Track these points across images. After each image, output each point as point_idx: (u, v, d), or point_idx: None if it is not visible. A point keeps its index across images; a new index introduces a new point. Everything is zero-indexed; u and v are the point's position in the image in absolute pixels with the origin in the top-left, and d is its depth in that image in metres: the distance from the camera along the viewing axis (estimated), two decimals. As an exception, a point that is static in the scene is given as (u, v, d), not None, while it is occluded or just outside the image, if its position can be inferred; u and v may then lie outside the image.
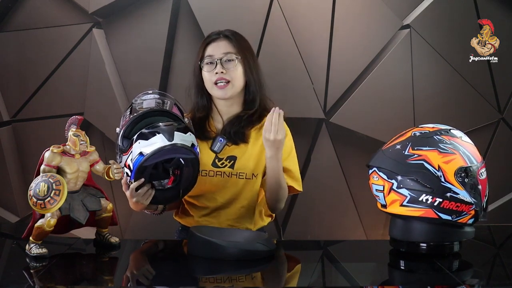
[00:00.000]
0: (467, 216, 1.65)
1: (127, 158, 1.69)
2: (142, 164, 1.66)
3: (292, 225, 3.12)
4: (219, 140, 1.97)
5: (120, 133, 1.72)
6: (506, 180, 3.17)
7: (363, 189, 1.97)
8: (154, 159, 1.67)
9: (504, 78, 3.13)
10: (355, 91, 3.06)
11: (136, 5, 2.97)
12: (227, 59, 1.94)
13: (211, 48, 1.97)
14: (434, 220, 1.64)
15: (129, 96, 3.00)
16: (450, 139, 1.67)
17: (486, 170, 1.71)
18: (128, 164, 1.69)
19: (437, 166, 1.63)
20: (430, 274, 1.60)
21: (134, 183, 1.71)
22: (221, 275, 1.57)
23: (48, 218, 1.59)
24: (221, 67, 1.93)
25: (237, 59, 1.95)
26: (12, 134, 3.04)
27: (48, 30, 2.97)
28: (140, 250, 1.82)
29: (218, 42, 1.97)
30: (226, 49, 1.96)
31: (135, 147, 1.67)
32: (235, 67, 1.94)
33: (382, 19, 3.04)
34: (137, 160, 1.67)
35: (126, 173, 1.71)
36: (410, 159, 1.65)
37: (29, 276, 1.51)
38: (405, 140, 1.69)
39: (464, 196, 1.63)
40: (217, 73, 1.93)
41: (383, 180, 1.68)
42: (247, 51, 1.99)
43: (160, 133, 1.65)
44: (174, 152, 1.68)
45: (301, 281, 1.57)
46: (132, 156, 1.68)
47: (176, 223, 2.13)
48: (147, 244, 1.86)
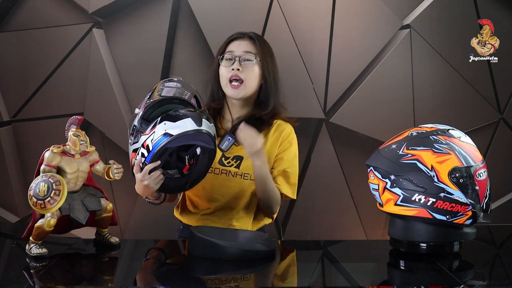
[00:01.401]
0: (463, 217, 1.64)
1: (146, 138, 1.68)
2: (165, 145, 1.65)
3: (292, 225, 3.12)
4: (228, 138, 1.96)
5: (139, 113, 1.72)
6: (506, 180, 3.17)
7: (363, 189, 1.97)
8: (179, 141, 1.66)
9: (504, 78, 3.13)
10: (355, 91, 3.06)
11: (136, 5, 2.97)
12: (246, 58, 1.96)
13: (233, 45, 1.99)
14: (428, 220, 1.64)
15: (129, 96, 3.00)
16: (446, 139, 1.66)
17: (486, 171, 1.69)
18: (147, 145, 1.68)
19: (430, 166, 1.63)
20: (430, 274, 1.60)
21: (150, 165, 1.69)
22: (221, 275, 1.57)
23: (48, 218, 1.59)
24: (239, 64, 1.95)
25: (256, 60, 1.96)
26: (12, 134, 3.04)
27: (48, 30, 2.97)
28: (140, 250, 1.82)
29: (241, 41, 1.99)
30: (247, 48, 1.97)
31: (160, 127, 1.66)
32: (252, 67, 1.95)
33: (382, 19, 3.04)
34: (159, 141, 1.66)
35: (142, 154, 1.70)
36: (404, 159, 1.66)
37: (29, 276, 1.51)
38: (401, 140, 1.70)
39: (459, 197, 1.62)
40: (233, 69, 1.94)
41: (378, 179, 1.70)
42: (268, 54, 2.00)
43: (189, 117, 1.66)
44: (199, 138, 1.68)
45: (301, 281, 1.57)
46: (154, 137, 1.66)
47: (176, 223, 2.13)
48: (149, 244, 1.86)
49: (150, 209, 3.00)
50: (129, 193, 3.01)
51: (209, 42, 2.97)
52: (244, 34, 2.02)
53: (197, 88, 1.83)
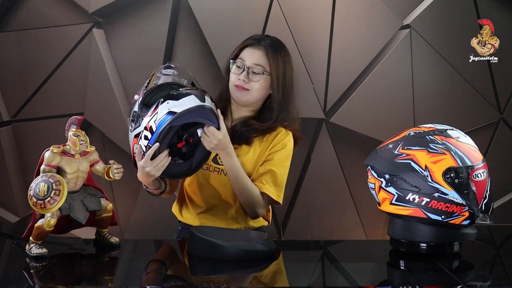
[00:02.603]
0: (460, 217, 1.63)
1: (149, 119, 1.66)
2: (170, 123, 1.63)
3: (292, 225, 3.12)
4: None
5: (139, 99, 1.71)
6: (506, 180, 3.17)
7: (363, 189, 1.97)
8: (184, 118, 1.65)
9: (504, 78, 3.13)
10: (355, 91, 3.06)
11: (136, 5, 2.97)
12: (254, 71, 1.92)
13: (246, 52, 1.94)
14: (423, 219, 1.64)
15: (129, 96, 3.00)
16: (443, 139, 1.66)
17: (486, 172, 1.67)
18: (150, 126, 1.66)
19: (424, 166, 1.62)
20: (430, 274, 1.60)
21: (151, 149, 1.67)
22: (221, 275, 1.57)
23: (48, 218, 1.59)
24: (246, 76, 1.91)
25: (264, 74, 1.92)
26: (12, 134, 3.04)
27: (48, 30, 2.97)
28: (140, 250, 1.82)
29: (254, 50, 1.94)
30: (258, 61, 1.92)
31: (163, 107, 1.64)
32: (259, 81, 1.92)
33: (382, 19, 3.04)
34: (163, 120, 1.64)
35: (145, 136, 1.68)
36: (398, 158, 1.66)
37: (29, 276, 1.51)
38: (398, 140, 1.70)
39: (454, 197, 1.61)
40: (239, 79, 1.92)
41: (374, 178, 1.71)
42: (280, 68, 1.93)
43: (191, 95, 1.65)
44: (204, 115, 1.67)
45: (301, 281, 1.56)
46: (158, 117, 1.65)
47: (175, 223, 2.13)
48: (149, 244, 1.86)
49: (150, 209, 3.01)
50: (129, 193, 3.02)
51: (209, 42, 2.97)
52: (260, 41, 1.95)
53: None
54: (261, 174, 1.95)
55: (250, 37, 1.99)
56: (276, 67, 1.93)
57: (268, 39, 1.97)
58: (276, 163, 1.95)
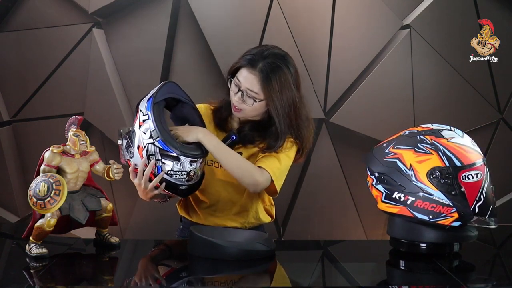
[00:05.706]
0: (448, 218, 1.61)
1: (138, 127, 1.74)
2: (153, 101, 1.73)
3: (292, 225, 3.12)
4: (231, 137, 1.94)
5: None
6: (506, 180, 3.17)
7: (363, 189, 1.97)
8: (163, 93, 1.77)
9: (504, 78, 3.13)
10: (355, 91, 3.06)
11: (136, 5, 2.97)
12: (248, 95, 1.88)
13: (242, 73, 1.89)
14: (410, 218, 1.64)
15: (129, 96, 3.00)
16: (433, 139, 1.64)
17: (481, 174, 1.62)
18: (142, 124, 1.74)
19: (409, 165, 1.63)
20: (430, 274, 1.60)
21: (140, 165, 1.74)
22: (221, 275, 1.57)
23: (48, 218, 1.59)
24: (240, 98, 1.88)
25: (257, 101, 1.88)
26: (12, 134, 3.04)
27: (48, 30, 2.97)
28: (140, 250, 1.82)
29: (248, 73, 1.87)
30: (252, 86, 1.87)
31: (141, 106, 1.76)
32: (252, 105, 1.89)
33: (382, 19, 3.04)
34: (148, 107, 1.73)
35: (142, 132, 1.74)
36: (387, 157, 1.67)
37: (29, 276, 1.51)
38: (392, 139, 1.71)
39: (440, 197, 1.60)
40: (235, 100, 1.91)
41: (368, 176, 1.73)
42: (275, 93, 1.86)
43: None
44: (174, 90, 1.82)
45: (301, 281, 1.57)
46: (141, 118, 1.74)
47: (176, 222, 2.13)
48: (149, 244, 1.86)
49: (150, 209, 3.01)
50: (129, 193, 3.01)
51: (209, 42, 2.97)
52: (257, 62, 1.87)
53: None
54: (262, 157, 1.92)
55: (248, 53, 1.91)
56: (270, 93, 1.87)
57: (265, 61, 1.87)
58: (278, 155, 1.92)
